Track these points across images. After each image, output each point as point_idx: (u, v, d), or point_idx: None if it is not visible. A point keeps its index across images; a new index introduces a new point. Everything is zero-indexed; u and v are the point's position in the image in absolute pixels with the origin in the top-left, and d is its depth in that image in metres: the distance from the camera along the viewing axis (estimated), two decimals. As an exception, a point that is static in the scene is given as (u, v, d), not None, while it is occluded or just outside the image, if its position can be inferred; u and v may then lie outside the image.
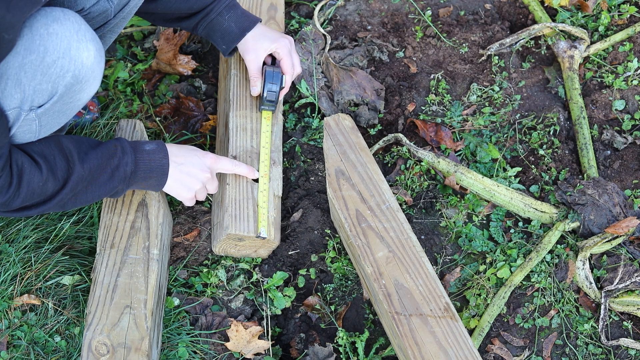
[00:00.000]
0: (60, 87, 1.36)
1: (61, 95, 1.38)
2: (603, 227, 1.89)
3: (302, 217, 1.96)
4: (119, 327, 1.62)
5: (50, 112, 1.42)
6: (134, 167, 1.58)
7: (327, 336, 1.85)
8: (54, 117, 1.45)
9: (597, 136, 2.12)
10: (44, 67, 1.32)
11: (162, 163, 1.62)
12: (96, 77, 1.42)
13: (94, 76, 1.40)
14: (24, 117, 1.38)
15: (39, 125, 1.44)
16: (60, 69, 1.33)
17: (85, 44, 1.35)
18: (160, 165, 1.62)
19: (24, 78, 1.32)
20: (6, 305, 1.74)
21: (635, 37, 2.22)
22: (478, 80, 2.22)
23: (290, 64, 1.89)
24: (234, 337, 1.77)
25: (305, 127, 2.14)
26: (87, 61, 1.36)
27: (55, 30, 1.31)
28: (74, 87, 1.38)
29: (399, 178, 2.02)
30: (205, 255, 1.90)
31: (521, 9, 2.37)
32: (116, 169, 1.55)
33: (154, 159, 1.61)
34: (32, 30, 1.30)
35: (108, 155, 1.53)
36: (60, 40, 1.32)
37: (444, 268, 1.93)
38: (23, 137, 1.45)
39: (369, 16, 2.35)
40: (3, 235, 1.83)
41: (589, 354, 1.81)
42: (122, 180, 1.57)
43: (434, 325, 1.63)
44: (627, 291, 1.84)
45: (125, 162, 1.56)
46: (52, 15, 1.32)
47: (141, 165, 1.59)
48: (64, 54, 1.32)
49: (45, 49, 1.30)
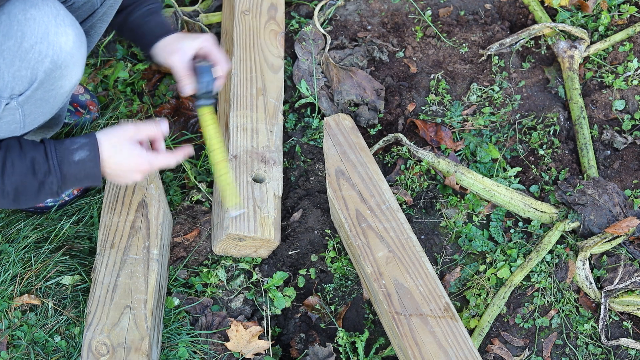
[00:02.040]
0: (39, 73, 1.35)
1: (41, 82, 1.37)
2: (603, 227, 1.89)
3: (302, 217, 1.96)
4: (119, 327, 1.62)
5: (32, 101, 1.40)
6: (60, 183, 1.46)
7: (327, 336, 1.85)
8: (38, 106, 1.43)
9: (597, 136, 2.12)
10: (22, 53, 1.30)
11: (92, 172, 1.49)
12: (76, 63, 1.40)
13: (73, 61, 1.38)
14: (5, 105, 1.37)
15: (23, 115, 1.42)
16: (38, 54, 1.32)
17: (64, 28, 1.34)
18: (91, 173, 1.49)
19: (2, 64, 1.30)
20: (6, 305, 1.74)
21: (635, 37, 2.22)
22: (478, 80, 2.22)
23: (220, 55, 1.74)
24: (234, 337, 1.77)
25: (305, 127, 2.14)
26: (65, 46, 1.35)
27: (33, 15, 1.30)
28: (54, 73, 1.37)
29: (399, 178, 2.02)
30: (205, 255, 1.90)
31: (521, 9, 2.37)
32: (42, 185, 1.45)
33: (83, 168, 1.48)
34: (10, 17, 1.29)
35: (32, 172, 1.43)
36: (38, 25, 1.30)
37: (444, 268, 1.93)
38: (8, 129, 1.43)
39: (369, 16, 2.35)
40: (3, 235, 1.83)
41: (589, 354, 1.81)
42: (50, 195, 1.48)
43: (434, 325, 1.63)
44: (627, 291, 1.84)
45: (51, 182, 1.45)
46: (30, 1, 1.31)
47: (69, 180, 1.48)
48: (42, 39, 1.31)
49: (23, 34, 1.29)
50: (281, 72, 2.10)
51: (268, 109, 2.01)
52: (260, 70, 2.07)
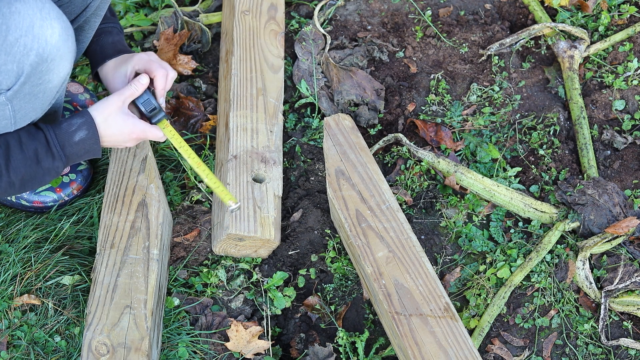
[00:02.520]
0: (26, 67, 1.34)
1: (28, 76, 1.36)
2: (603, 227, 1.89)
3: (302, 217, 1.96)
4: (119, 327, 1.62)
5: (21, 95, 1.40)
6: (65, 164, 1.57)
7: (327, 336, 1.85)
8: (27, 101, 1.43)
9: (597, 136, 2.12)
10: (7, 46, 1.30)
11: (93, 148, 1.60)
12: (63, 56, 1.39)
13: (60, 55, 1.38)
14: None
15: (13, 111, 1.42)
16: (23, 47, 1.31)
17: (50, 21, 1.33)
18: (91, 149, 1.60)
19: None
20: (6, 305, 1.74)
21: (635, 37, 2.22)
22: (478, 80, 2.22)
23: (156, 64, 1.74)
24: (234, 337, 1.77)
25: (305, 127, 2.14)
26: (51, 39, 1.34)
27: (17, 8, 1.30)
28: (40, 67, 1.36)
29: (399, 178, 2.02)
30: (205, 255, 1.90)
31: (521, 9, 2.37)
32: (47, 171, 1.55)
33: (83, 147, 1.59)
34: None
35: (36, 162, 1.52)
36: (23, 18, 1.30)
37: (444, 268, 1.93)
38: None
39: (369, 16, 2.35)
40: (3, 235, 1.83)
41: (589, 354, 1.81)
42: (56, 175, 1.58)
43: (434, 325, 1.63)
44: (627, 291, 1.84)
45: (57, 166, 1.55)
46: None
47: (72, 159, 1.59)
48: (27, 32, 1.30)
49: (8, 27, 1.29)
50: (281, 72, 2.10)
51: (268, 109, 2.01)
52: (260, 70, 2.07)
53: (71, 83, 2.03)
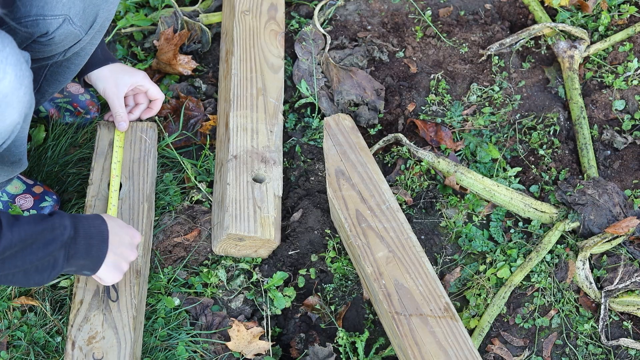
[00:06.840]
0: None
1: None
2: (603, 227, 1.89)
3: (302, 217, 1.96)
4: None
5: None
6: (73, 232, 1.44)
7: (327, 336, 1.85)
8: None
9: (597, 136, 2.12)
10: None
11: (101, 229, 1.50)
12: (10, 104, 1.28)
13: (6, 102, 1.27)
14: None
15: None
16: None
17: (3, 66, 1.24)
18: (99, 232, 1.50)
19: None
20: (5, 305, 1.74)
21: (635, 37, 2.22)
22: (478, 80, 2.22)
23: (155, 90, 1.90)
24: (235, 337, 1.77)
25: (305, 127, 2.14)
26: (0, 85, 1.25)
27: None
28: None
29: (399, 178, 2.02)
30: (205, 255, 1.90)
31: (521, 9, 2.37)
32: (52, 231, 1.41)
33: (93, 224, 1.50)
34: None
35: (41, 218, 1.40)
36: None
37: (444, 268, 1.93)
38: None
39: (369, 16, 2.35)
40: (3, 235, 1.83)
41: (589, 354, 1.81)
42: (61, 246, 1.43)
43: (434, 325, 1.63)
44: (627, 291, 1.84)
45: (64, 226, 1.42)
46: None
47: (81, 230, 1.46)
48: None
49: None
50: (281, 72, 2.10)
51: (268, 109, 2.01)
52: (260, 70, 2.07)
53: (71, 83, 2.03)
